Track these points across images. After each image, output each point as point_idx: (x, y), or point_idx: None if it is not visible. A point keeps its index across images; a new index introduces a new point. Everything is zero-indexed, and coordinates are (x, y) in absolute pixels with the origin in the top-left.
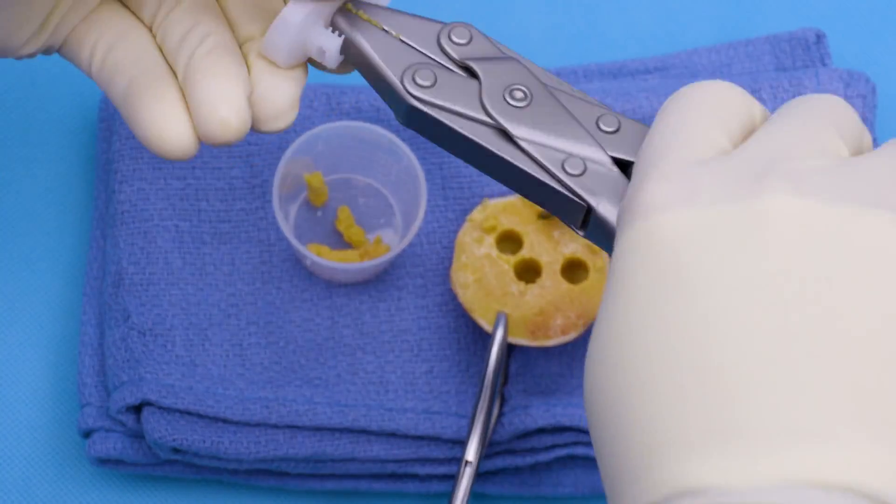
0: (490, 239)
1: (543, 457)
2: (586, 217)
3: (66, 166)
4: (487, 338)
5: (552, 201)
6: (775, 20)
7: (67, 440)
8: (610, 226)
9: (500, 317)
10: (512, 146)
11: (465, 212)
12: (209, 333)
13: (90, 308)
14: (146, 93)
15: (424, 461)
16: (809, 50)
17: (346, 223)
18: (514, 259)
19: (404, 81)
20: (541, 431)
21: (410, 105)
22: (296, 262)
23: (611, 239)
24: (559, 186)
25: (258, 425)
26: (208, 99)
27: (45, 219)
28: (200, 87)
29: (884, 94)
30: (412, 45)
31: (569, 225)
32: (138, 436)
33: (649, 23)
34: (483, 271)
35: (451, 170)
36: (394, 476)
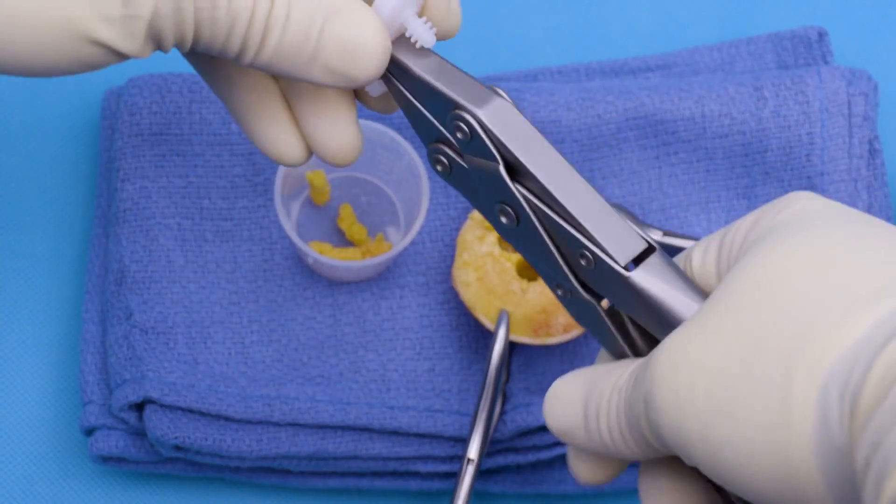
0: (492, 237)
1: (545, 454)
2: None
3: (69, 164)
4: (489, 336)
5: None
6: (777, 18)
7: (69, 438)
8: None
9: (502, 315)
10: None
11: (467, 210)
12: (211, 331)
13: (92, 306)
14: (263, 111)
15: (426, 459)
16: (811, 48)
17: (349, 221)
18: (517, 257)
19: (430, 156)
20: (543, 429)
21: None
22: (298, 260)
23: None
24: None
25: (260, 423)
26: (322, 127)
27: (48, 216)
28: (313, 115)
29: (886, 92)
30: (432, 120)
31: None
32: (140, 434)
33: (651, 21)
34: (485, 269)
35: None
36: (396, 474)
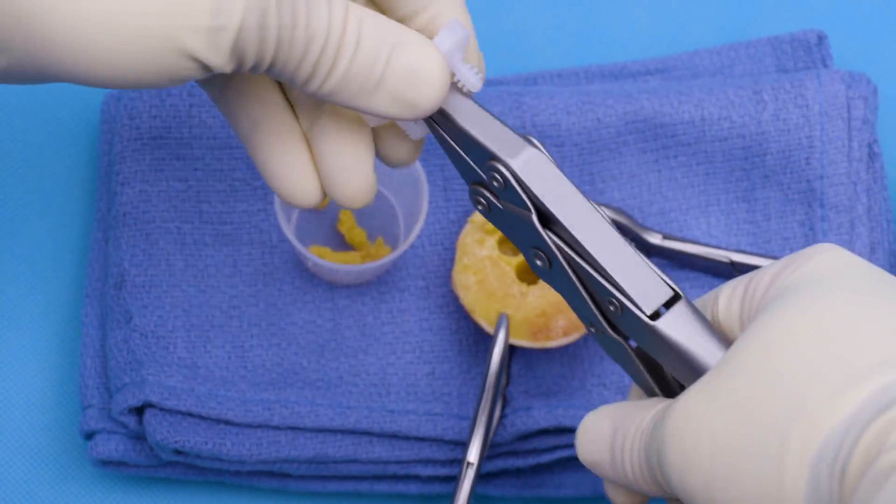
0: (492, 241)
1: (545, 458)
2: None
3: (68, 168)
4: (489, 339)
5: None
6: (776, 21)
7: (69, 442)
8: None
9: (502, 318)
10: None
11: (467, 213)
12: (211, 335)
13: (92, 310)
14: (275, 140)
15: (426, 462)
16: (811, 51)
17: (348, 225)
18: (516, 261)
19: (472, 196)
20: (542, 433)
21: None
22: (297, 264)
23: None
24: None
25: (260, 427)
26: (339, 169)
27: (47, 220)
28: (331, 155)
29: (885, 96)
30: (471, 163)
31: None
32: (140, 437)
33: (650, 24)
34: (485, 273)
35: (453, 171)
36: (395, 477)
